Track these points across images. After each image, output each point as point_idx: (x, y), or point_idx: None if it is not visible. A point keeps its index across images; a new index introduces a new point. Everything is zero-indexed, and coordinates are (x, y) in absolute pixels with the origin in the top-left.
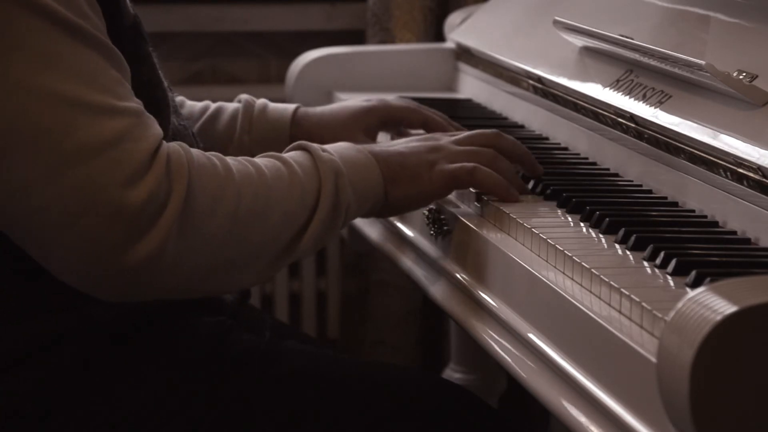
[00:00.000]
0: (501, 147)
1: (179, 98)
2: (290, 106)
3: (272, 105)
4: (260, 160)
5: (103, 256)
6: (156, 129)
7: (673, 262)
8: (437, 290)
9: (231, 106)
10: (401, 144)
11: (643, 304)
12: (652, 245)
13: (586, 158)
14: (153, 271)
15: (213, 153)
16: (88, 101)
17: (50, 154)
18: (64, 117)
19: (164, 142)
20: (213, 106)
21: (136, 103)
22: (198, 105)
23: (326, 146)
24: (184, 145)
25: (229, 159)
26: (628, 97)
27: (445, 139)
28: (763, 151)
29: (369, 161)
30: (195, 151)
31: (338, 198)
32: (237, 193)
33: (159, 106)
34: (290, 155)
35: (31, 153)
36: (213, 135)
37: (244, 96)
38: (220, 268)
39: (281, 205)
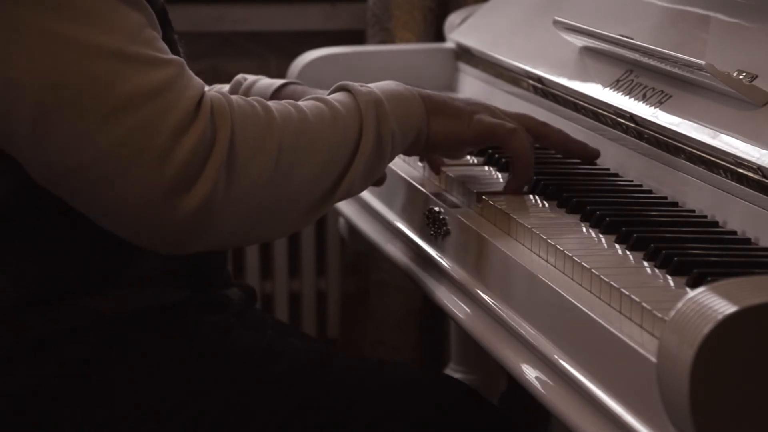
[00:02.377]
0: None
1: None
2: (275, 83)
3: (259, 83)
4: (301, 103)
5: (156, 203)
6: (198, 80)
7: (673, 262)
8: (437, 290)
9: (224, 88)
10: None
11: (643, 304)
12: (652, 245)
13: None
14: (205, 217)
15: (254, 97)
16: (132, 53)
17: (99, 106)
18: (110, 68)
19: (207, 92)
20: (214, 89)
21: (175, 57)
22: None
23: (369, 84)
24: (224, 92)
25: (270, 102)
26: (628, 97)
27: (493, 105)
28: (763, 151)
29: (411, 93)
30: (235, 96)
31: (380, 128)
32: (279, 134)
33: None
34: (331, 96)
35: (79, 106)
36: None
37: (238, 76)
38: (269, 209)
39: (324, 141)
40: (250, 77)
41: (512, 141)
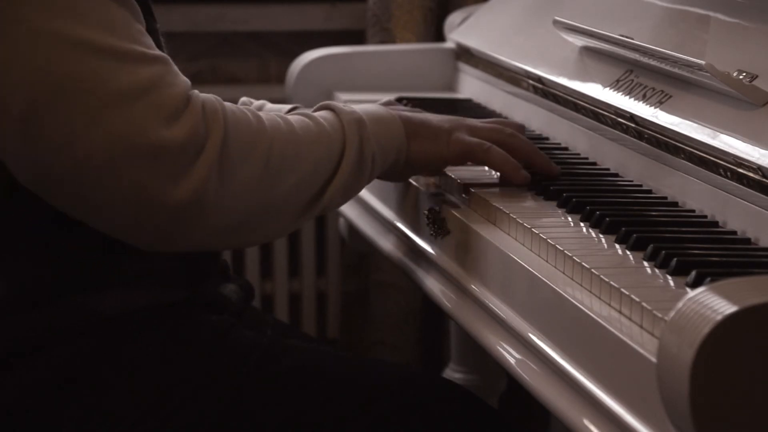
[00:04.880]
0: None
1: None
2: (283, 108)
3: (268, 107)
4: (288, 116)
5: (147, 198)
6: (184, 77)
7: (673, 262)
8: (437, 290)
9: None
10: (426, 113)
11: (643, 304)
12: (652, 245)
13: (586, 158)
14: (194, 214)
15: (244, 105)
16: (120, 49)
17: (88, 102)
18: (101, 64)
19: (195, 90)
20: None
21: (161, 54)
22: None
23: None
24: (217, 96)
25: (260, 111)
26: (628, 97)
27: (468, 119)
28: (763, 151)
29: (391, 116)
30: (226, 102)
31: (363, 147)
32: (269, 141)
33: None
34: (316, 114)
35: (71, 102)
36: None
37: (243, 99)
38: (255, 214)
39: (310, 154)
40: (255, 103)
41: (490, 157)
